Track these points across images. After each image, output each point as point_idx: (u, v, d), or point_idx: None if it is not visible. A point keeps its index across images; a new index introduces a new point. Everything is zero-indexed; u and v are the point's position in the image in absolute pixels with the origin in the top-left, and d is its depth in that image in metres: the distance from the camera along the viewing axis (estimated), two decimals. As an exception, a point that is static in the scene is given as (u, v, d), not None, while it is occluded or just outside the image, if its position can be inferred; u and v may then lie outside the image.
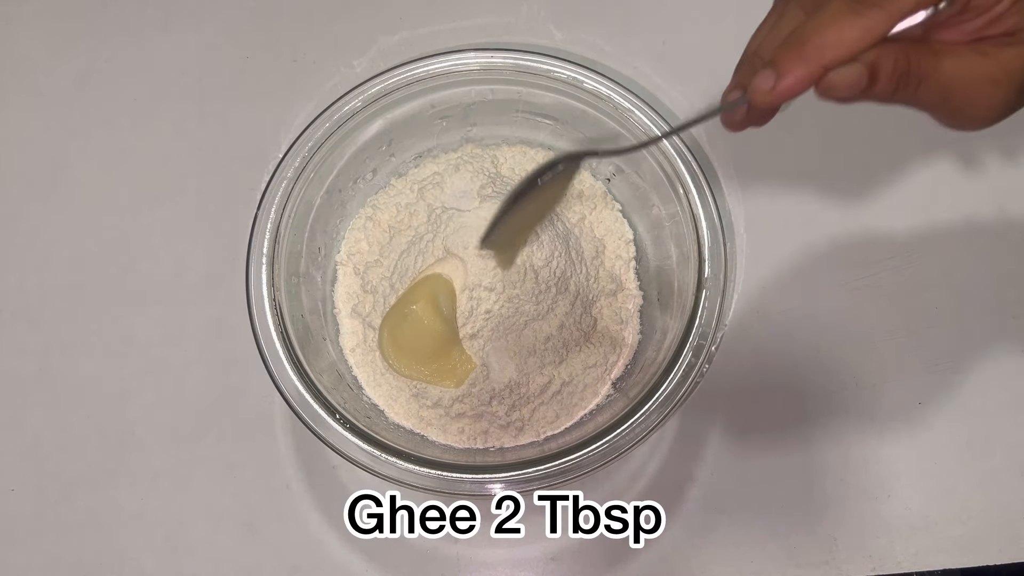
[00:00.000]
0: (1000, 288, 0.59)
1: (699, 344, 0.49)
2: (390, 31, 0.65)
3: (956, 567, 0.55)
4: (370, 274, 0.57)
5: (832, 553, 0.55)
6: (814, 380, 0.58)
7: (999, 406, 0.57)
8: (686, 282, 0.52)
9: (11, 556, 0.57)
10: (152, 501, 0.57)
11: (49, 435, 0.59)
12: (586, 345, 0.55)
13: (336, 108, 0.53)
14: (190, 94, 0.65)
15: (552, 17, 0.65)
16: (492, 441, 0.54)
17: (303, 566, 0.56)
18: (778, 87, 0.32)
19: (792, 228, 0.61)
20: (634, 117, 0.52)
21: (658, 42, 0.64)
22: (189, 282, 0.61)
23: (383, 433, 0.50)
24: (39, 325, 0.61)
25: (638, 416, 0.48)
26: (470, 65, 0.53)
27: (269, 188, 0.52)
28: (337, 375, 0.54)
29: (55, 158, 0.64)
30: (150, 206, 0.63)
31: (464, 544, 0.56)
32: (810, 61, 0.32)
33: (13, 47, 0.67)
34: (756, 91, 0.33)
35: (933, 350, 0.58)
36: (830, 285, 0.59)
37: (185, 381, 0.59)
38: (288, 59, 0.65)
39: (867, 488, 0.56)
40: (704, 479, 0.56)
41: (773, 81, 0.32)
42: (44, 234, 0.63)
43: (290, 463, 0.57)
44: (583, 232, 0.58)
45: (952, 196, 0.61)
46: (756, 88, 0.33)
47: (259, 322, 0.50)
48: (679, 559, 0.55)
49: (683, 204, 0.52)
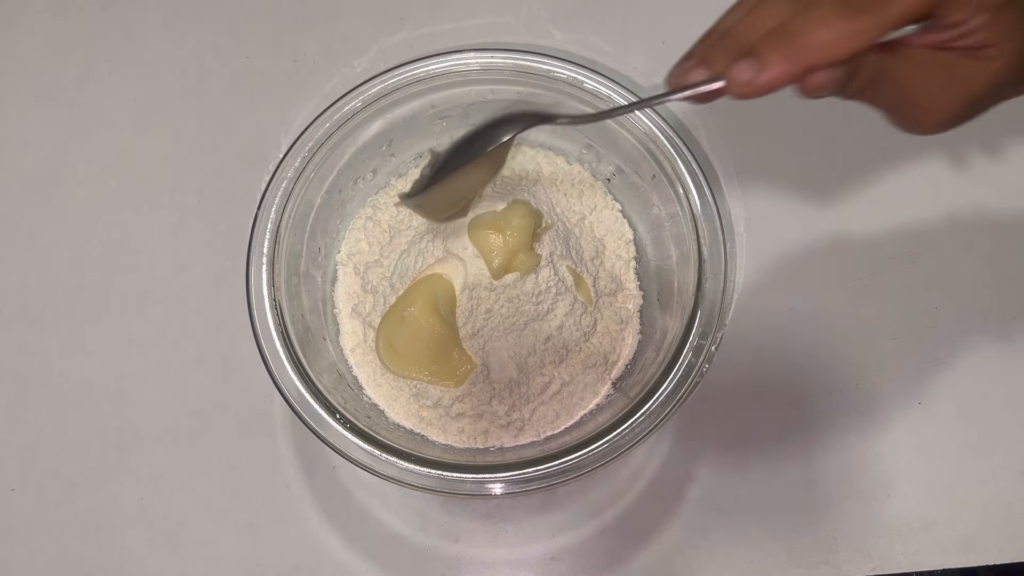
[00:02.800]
0: (1000, 288, 0.59)
1: (699, 344, 0.49)
2: (390, 31, 0.65)
3: (956, 567, 0.55)
4: (370, 274, 0.57)
5: (832, 553, 0.55)
6: (814, 380, 0.58)
7: (999, 406, 0.57)
8: (686, 282, 0.52)
9: (11, 556, 0.57)
10: (152, 501, 0.57)
11: (49, 435, 0.59)
12: (586, 345, 0.55)
13: (336, 108, 0.53)
14: (190, 94, 0.65)
15: (552, 17, 0.65)
16: (492, 441, 0.54)
17: (303, 566, 0.56)
18: (759, 80, 0.31)
19: (792, 228, 0.61)
20: (633, 117, 0.52)
21: (658, 42, 0.64)
22: (189, 282, 0.61)
23: (383, 433, 0.50)
24: (39, 325, 0.61)
25: (638, 416, 0.48)
26: (470, 65, 0.53)
27: (269, 188, 0.52)
28: (337, 375, 0.54)
29: (55, 158, 0.64)
30: (150, 206, 0.63)
31: (464, 544, 0.56)
32: (796, 59, 0.31)
33: (14, 47, 0.67)
34: (734, 81, 0.32)
35: (933, 350, 0.58)
36: (830, 285, 0.60)
37: (185, 381, 0.59)
38: (288, 59, 0.65)
39: (867, 488, 0.56)
40: (704, 479, 0.56)
41: (753, 73, 0.31)
42: (44, 234, 0.63)
43: (290, 463, 0.57)
44: (583, 232, 0.58)
45: (952, 196, 0.61)
46: (735, 78, 0.32)
47: (259, 322, 0.50)
48: (679, 559, 0.55)
49: (683, 204, 0.52)
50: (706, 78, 0.34)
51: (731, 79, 0.32)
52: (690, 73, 0.34)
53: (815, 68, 0.31)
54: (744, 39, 0.33)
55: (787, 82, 0.31)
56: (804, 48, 0.31)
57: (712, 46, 0.34)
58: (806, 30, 0.31)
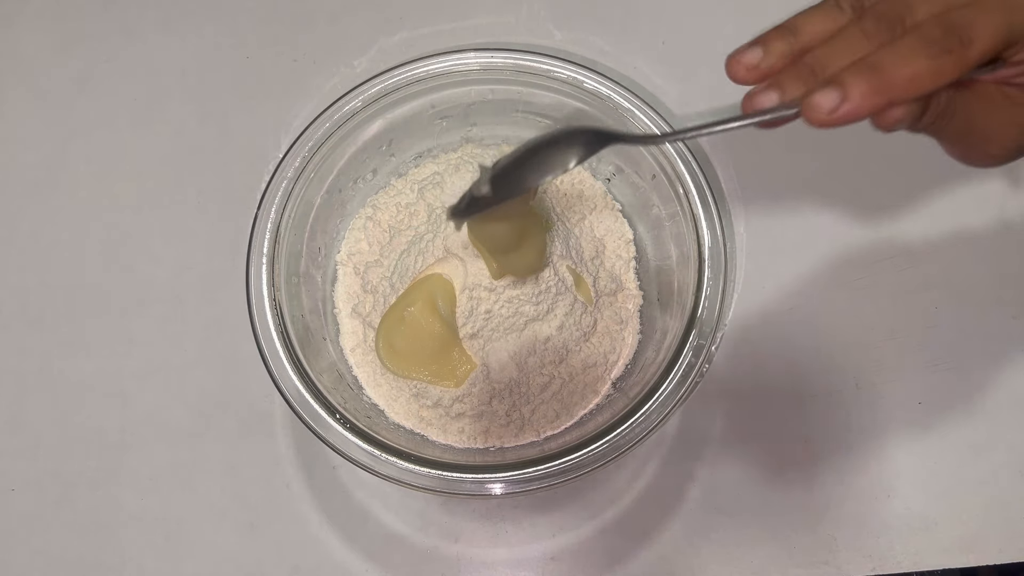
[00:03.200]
0: (1000, 288, 0.59)
1: (699, 344, 0.49)
2: (390, 31, 0.65)
3: (956, 567, 0.55)
4: (370, 274, 0.57)
5: (832, 553, 0.55)
6: (814, 380, 0.58)
7: (999, 406, 0.57)
8: (686, 282, 0.52)
9: (11, 556, 0.57)
10: (152, 501, 0.57)
11: (49, 435, 0.59)
12: (586, 345, 0.55)
13: (336, 108, 0.53)
14: (190, 94, 0.65)
15: (552, 17, 0.65)
16: (492, 441, 0.54)
17: (303, 566, 0.56)
18: (842, 110, 0.31)
19: (792, 228, 0.61)
20: (634, 117, 0.52)
21: (658, 42, 0.64)
22: (189, 282, 0.61)
23: (383, 433, 0.50)
24: (39, 325, 0.61)
25: (638, 416, 0.48)
26: (470, 65, 0.53)
27: (269, 188, 0.52)
28: (337, 375, 0.54)
29: (55, 158, 0.64)
30: (150, 206, 0.63)
31: (464, 544, 0.56)
32: (881, 92, 0.31)
33: (14, 47, 0.67)
34: (816, 109, 0.32)
35: (933, 350, 0.58)
36: (830, 285, 0.59)
37: (185, 381, 0.59)
38: (288, 59, 0.65)
39: (867, 488, 0.56)
40: (704, 479, 0.56)
41: (838, 103, 0.31)
42: (44, 234, 0.63)
43: (290, 463, 0.57)
44: (583, 232, 0.58)
45: (952, 196, 0.61)
46: (816, 106, 0.32)
47: (259, 322, 0.50)
48: (679, 559, 0.55)
49: (683, 204, 0.52)
50: (778, 103, 0.34)
51: (813, 107, 0.32)
52: (761, 97, 0.34)
53: (896, 103, 0.32)
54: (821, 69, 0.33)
55: (869, 114, 0.32)
56: (889, 82, 0.31)
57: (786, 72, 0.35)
58: (891, 63, 0.31)
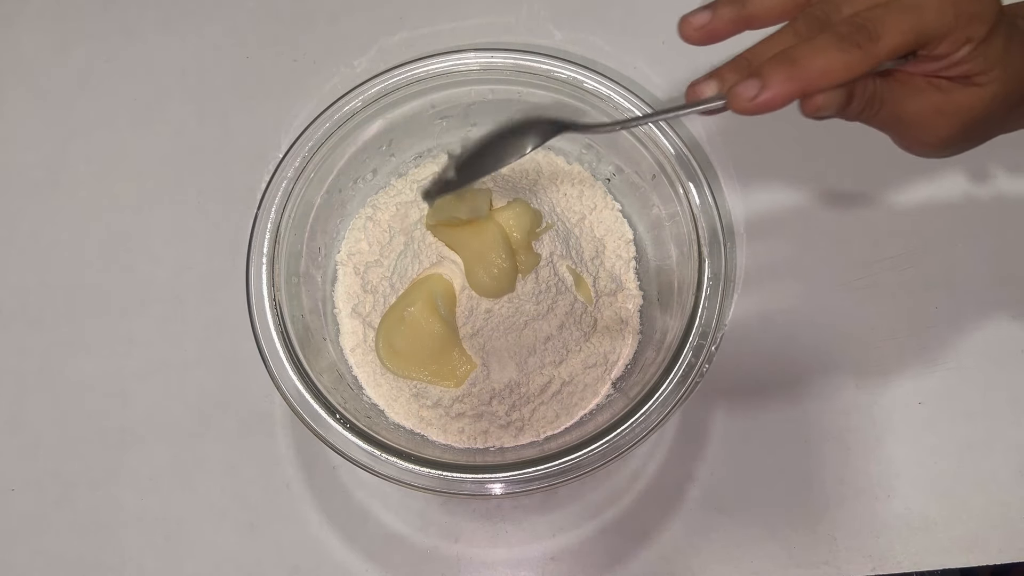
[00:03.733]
0: (1000, 288, 0.59)
1: (699, 344, 0.49)
2: (390, 31, 0.65)
3: (956, 567, 0.55)
4: (370, 274, 0.57)
5: (832, 553, 0.55)
6: (814, 380, 0.58)
7: (999, 406, 0.57)
8: (686, 282, 0.52)
9: (11, 556, 0.57)
10: (152, 501, 0.57)
11: (49, 435, 0.59)
12: (586, 345, 0.55)
13: (336, 108, 0.53)
14: (190, 94, 0.65)
15: (552, 17, 0.65)
16: (492, 441, 0.54)
17: (303, 566, 0.56)
18: (760, 98, 0.34)
19: (792, 228, 0.61)
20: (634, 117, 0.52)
21: (658, 42, 0.64)
22: (189, 282, 0.61)
23: (383, 433, 0.50)
24: (39, 325, 0.61)
25: (638, 416, 0.48)
26: (470, 65, 0.53)
27: (269, 188, 0.52)
28: (337, 375, 0.54)
29: (55, 158, 0.64)
30: (150, 206, 0.63)
31: (464, 544, 0.56)
32: (795, 81, 0.34)
33: (14, 47, 0.67)
34: (737, 97, 0.34)
35: (933, 350, 0.58)
36: (830, 285, 0.60)
37: (185, 381, 0.59)
38: (288, 59, 0.65)
39: (867, 488, 0.56)
40: (704, 479, 0.56)
41: (756, 91, 0.34)
42: (44, 234, 0.63)
43: (290, 463, 0.57)
44: (583, 232, 0.58)
45: (952, 196, 0.61)
46: (738, 94, 0.34)
47: (259, 322, 0.50)
48: (679, 559, 0.55)
49: (683, 204, 0.52)
50: (715, 93, 0.37)
51: (736, 95, 0.34)
52: (702, 86, 0.37)
53: (813, 91, 0.34)
54: (754, 62, 0.36)
55: (785, 101, 0.34)
56: (802, 72, 0.34)
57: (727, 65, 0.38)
58: (806, 56, 0.34)
